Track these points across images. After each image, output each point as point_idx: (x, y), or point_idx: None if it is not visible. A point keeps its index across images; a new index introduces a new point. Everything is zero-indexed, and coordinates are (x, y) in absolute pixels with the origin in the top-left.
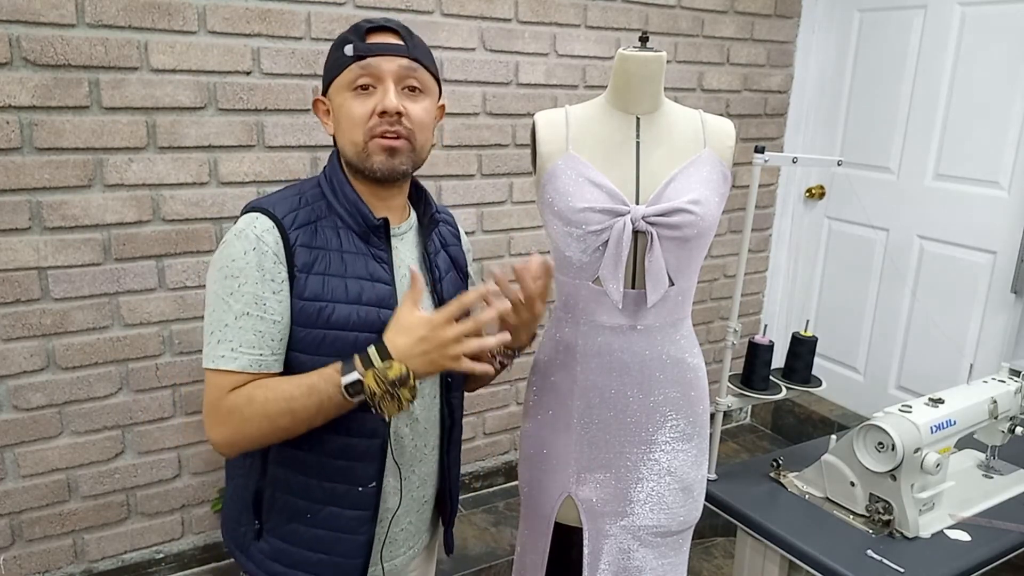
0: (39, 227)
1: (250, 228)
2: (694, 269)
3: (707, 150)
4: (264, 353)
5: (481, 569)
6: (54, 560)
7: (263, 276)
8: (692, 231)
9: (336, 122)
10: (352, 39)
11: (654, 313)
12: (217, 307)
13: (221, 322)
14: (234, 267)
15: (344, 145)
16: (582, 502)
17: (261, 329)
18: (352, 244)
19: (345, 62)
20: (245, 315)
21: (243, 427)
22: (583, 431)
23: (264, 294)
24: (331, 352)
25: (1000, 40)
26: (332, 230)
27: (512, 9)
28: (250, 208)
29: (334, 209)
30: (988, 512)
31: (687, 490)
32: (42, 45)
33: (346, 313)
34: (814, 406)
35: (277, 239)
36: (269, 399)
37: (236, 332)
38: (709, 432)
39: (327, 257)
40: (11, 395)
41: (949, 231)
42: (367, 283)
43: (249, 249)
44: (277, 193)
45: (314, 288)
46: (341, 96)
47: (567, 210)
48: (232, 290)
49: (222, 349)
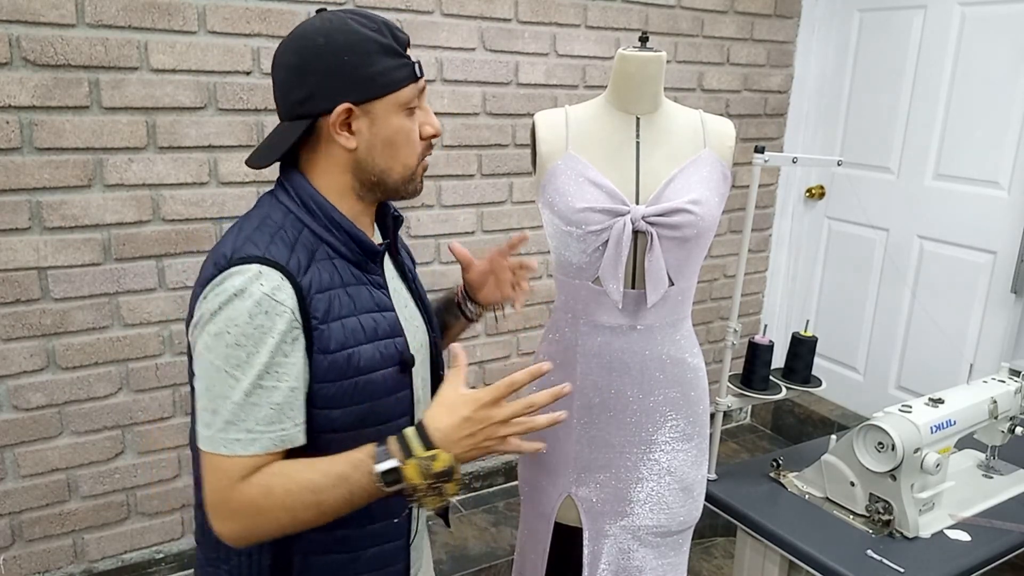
0: (39, 227)
1: (255, 286)
2: (694, 269)
3: (707, 150)
4: (286, 427)
5: (481, 569)
6: (54, 560)
7: (278, 341)
8: (692, 231)
9: (384, 142)
10: (399, 49)
11: (654, 313)
12: (217, 381)
13: (225, 399)
14: (238, 334)
15: (386, 165)
16: (582, 502)
17: (278, 401)
18: (351, 275)
19: (405, 78)
20: (258, 389)
21: (258, 521)
22: (583, 431)
23: (276, 360)
24: (364, 399)
25: (1000, 40)
26: (328, 264)
27: (512, 9)
28: (240, 259)
29: (321, 238)
30: (988, 512)
31: (687, 490)
32: (42, 45)
33: (370, 354)
34: (814, 406)
35: (291, 294)
36: (291, 491)
37: (248, 410)
38: (709, 432)
39: (338, 297)
40: (11, 395)
41: (949, 231)
42: (378, 315)
43: (258, 312)
44: (244, 234)
45: (338, 337)
46: (396, 116)
47: (567, 210)
48: (239, 362)
49: (234, 432)
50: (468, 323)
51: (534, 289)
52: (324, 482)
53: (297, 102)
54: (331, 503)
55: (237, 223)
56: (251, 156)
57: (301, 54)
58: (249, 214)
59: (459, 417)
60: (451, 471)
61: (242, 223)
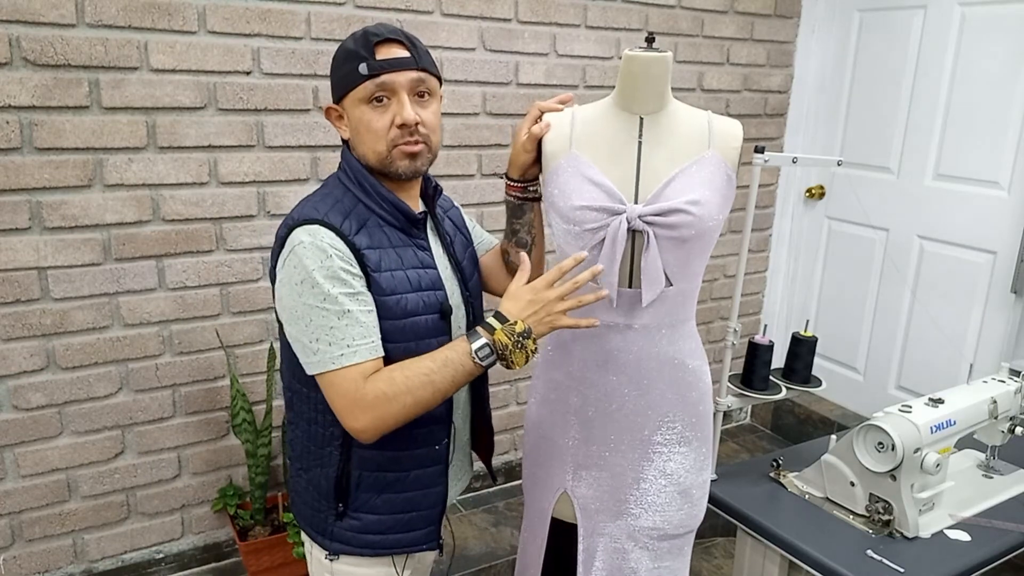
0: (39, 227)
1: (316, 239)
2: (695, 271)
3: (711, 151)
4: (374, 339)
5: (481, 569)
6: (54, 560)
7: (350, 275)
8: (689, 232)
9: (354, 131)
10: (364, 55)
11: (651, 313)
12: (312, 316)
13: (324, 327)
14: (317, 276)
15: (365, 153)
16: (577, 499)
17: (364, 321)
18: (398, 239)
19: (358, 79)
20: (346, 313)
21: (389, 408)
22: (579, 428)
23: (357, 289)
24: (411, 338)
25: (1000, 40)
26: (378, 229)
27: (512, 9)
28: (301, 221)
29: (372, 210)
30: (988, 512)
31: (684, 494)
32: (42, 45)
33: (415, 300)
34: (814, 406)
35: (343, 247)
36: (410, 377)
37: (344, 330)
38: (709, 436)
39: (387, 255)
40: (11, 395)
41: (949, 231)
42: (421, 271)
43: (325, 257)
44: (311, 203)
45: (388, 283)
46: (358, 109)
47: (566, 208)
48: (324, 295)
49: (336, 350)
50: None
51: None
52: (433, 366)
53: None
54: (441, 382)
55: (306, 197)
56: None
57: None
58: (316, 191)
59: (523, 301)
60: (529, 331)
61: (310, 197)
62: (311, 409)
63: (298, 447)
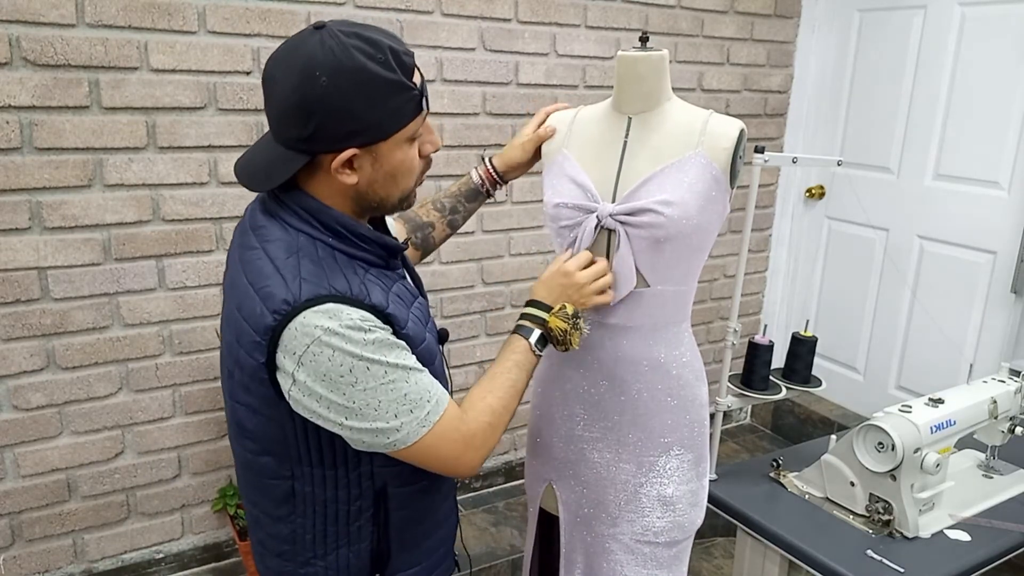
0: (39, 227)
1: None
2: (679, 273)
3: (697, 151)
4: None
5: (481, 569)
6: (54, 560)
7: (395, 336)
8: (661, 232)
9: (388, 175)
10: (408, 83)
11: (623, 312)
12: (381, 397)
13: (399, 399)
14: (369, 355)
15: (386, 193)
16: (560, 492)
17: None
18: (387, 278)
19: (411, 113)
20: (410, 370)
21: (495, 435)
22: (562, 423)
23: (403, 343)
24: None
25: (1000, 40)
26: (368, 276)
27: (512, 9)
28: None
29: (353, 256)
30: (988, 512)
31: (666, 504)
32: (42, 45)
33: (430, 339)
34: (814, 406)
35: (371, 315)
36: (503, 397)
37: (418, 388)
38: (700, 445)
39: (395, 301)
40: (11, 395)
41: (949, 231)
42: (416, 304)
43: (365, 333)
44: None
45: (414, 331)
46: (401, 149)
47: (547, 206)
48: (385, 367)
49: (422, 411)
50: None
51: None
52: (514, 377)
53: (299, 139)
54: (522, 385)
55: (264, 260)
56: (244, 176)
57: (302, 92)
58: (268, 249)
59: (558, 286)
60: (578, 312)
61: (275, 261)
62: (330, 488)
63: (308, 536)
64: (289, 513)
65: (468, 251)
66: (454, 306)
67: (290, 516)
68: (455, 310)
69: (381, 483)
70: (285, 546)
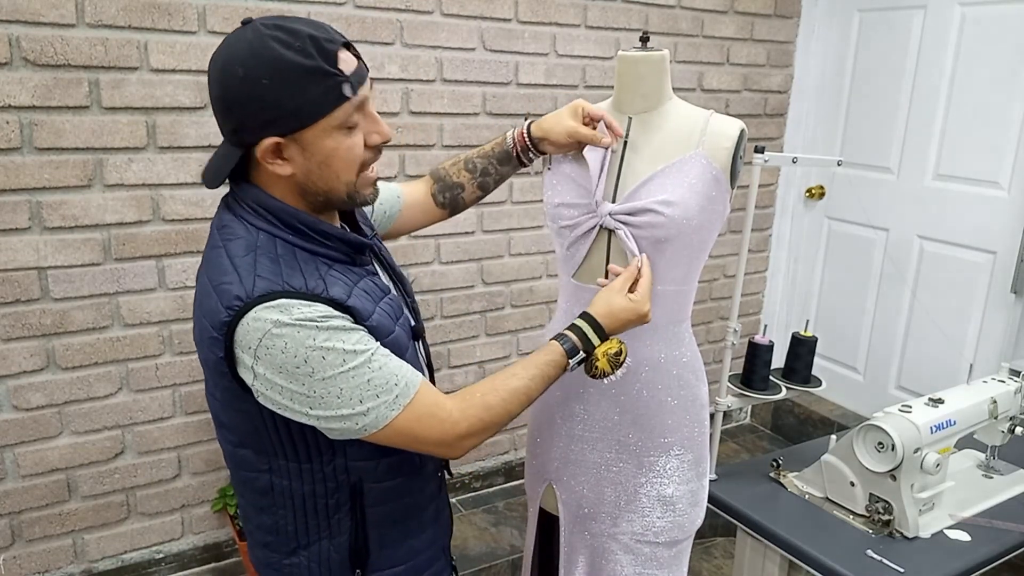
0: (39, 227)
1: (293, 315)
2: (679, 274)
3: (698, 151)
4: (411, 367)
5: (481, 569)
6: (54, 560)
7: (352, 323)
8: (661, 232)
9: (319, 165)
10: (331, 70)
11: None
12: (342, 384)
13: (362, 384)
14: (324, 344)
15: (327, 185)
16: (560, 492)
17: (390, 351)
18: (353, 275)
19: (334, 101)
20: (373, 354)
21: (487, 432)
22: (562, 423)
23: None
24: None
25: (1000, 40)
26: (330, 272)
27: (512, 9)
28: (256, 299)
29: (315, 252)
30: (988, 512)
31: (667, 504)
32: (42, 45)
33: (399, 333)
34: (814, 406)
35: (328, 309)
36: (507, 399)
37: (383, 372)
38: (700, 445)
39: (359, 295)
40: (11, 395)
41: (949, 231)
42: (386, 300)
43: (319, 322)
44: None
45: (381, 323)
46: (331, 138)
47: (548, 205)
48: (344, 353)
49: (389, 394)
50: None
51: (534, 289)
52: (531, 384)
53: (228, 131)
54: (536, 393)
55: (221, 255)
56: (204, 173)
57: (223, 84)
58: (228, 248)
59: (625, 321)
60: (622, 356)
61: (233, 259)
62: (307, 482)
63: (289, 528)
64: (270, 504)
65: (468, 251)
66: (454, 306)
67: (271, 507)
68: (455, 310)
69: (356, 478)
70: (269, 537)
